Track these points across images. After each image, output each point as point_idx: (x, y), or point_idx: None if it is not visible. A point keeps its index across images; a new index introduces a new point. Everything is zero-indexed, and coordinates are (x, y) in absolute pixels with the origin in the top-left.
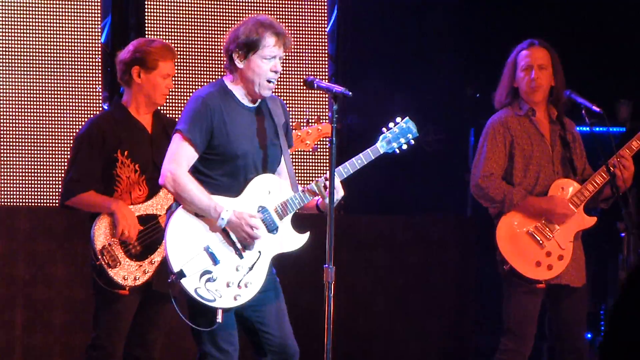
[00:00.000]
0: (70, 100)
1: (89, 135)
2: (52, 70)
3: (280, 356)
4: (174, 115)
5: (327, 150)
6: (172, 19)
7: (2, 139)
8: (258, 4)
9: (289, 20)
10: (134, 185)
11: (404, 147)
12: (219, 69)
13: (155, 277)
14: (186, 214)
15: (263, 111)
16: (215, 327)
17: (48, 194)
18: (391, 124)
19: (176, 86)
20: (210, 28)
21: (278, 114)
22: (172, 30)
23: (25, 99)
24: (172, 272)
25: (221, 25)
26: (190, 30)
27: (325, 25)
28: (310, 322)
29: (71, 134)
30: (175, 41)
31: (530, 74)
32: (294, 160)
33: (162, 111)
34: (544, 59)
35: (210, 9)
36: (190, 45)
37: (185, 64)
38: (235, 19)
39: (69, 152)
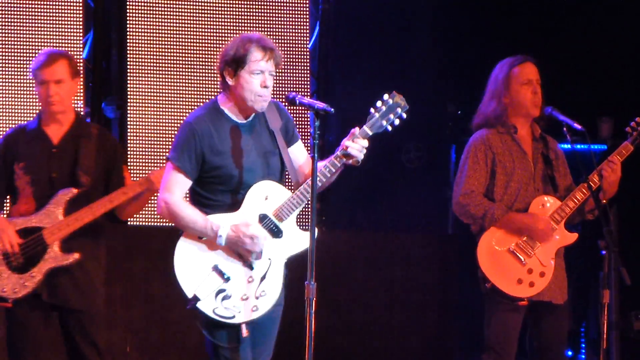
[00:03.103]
0: None
1: None
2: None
3: None
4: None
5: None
6: (155, 34)
7: None
8: (241, 20)
9: (272, 37)
10: (27, 197)
11: (396, 122)
12: (203, 82)
13: (44, 289)
14: (188, 240)
15: (258, 123)
16: (242, 342)
17: None
18: (379, 102)
19: (162, 100)
20: (193, 44)
21: (274, 120)
22: (155, 45)
23: (5, 113)
24: (187, 299)
25: (204, 41)
26: (173, 46)
27: (307, 42)
28: (292, 339)
29: None
30: (159, 55)
31: (533, 89)
32: None
33: (87, 121)
34: (538, 75)
35: (193, 25)
36: (174, 59)
37: (169, 78)
38: (219, 34)
39: None
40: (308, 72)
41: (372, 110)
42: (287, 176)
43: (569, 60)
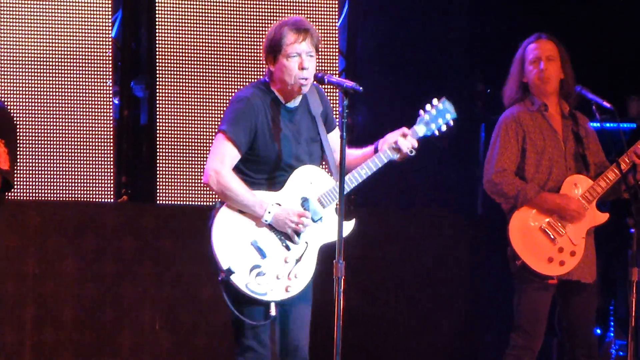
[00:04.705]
0: (80, 94)
1: None
2: (62, 64)
3: (289, 357)
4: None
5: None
6: (184, 12)
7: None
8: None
9: (300, 15)
10: None
11: (443, 128)
12: (227, 63)
13: None
14: (230, 211)
15: (302, 109)
16: (269, 320)
17: (58, 188)
18: (428, 106)
19: (191, 79)
20: (223, 22)
21: (316, 105)
22: (183, 24)
23: (35, 93)
24: (221, 270)
25: (230, 20)
26: (202, 24)
27: (336, 20)
28: (321, 318)
29: (81, 128)
30: (189, 34)
31: (539, 65)
32: None
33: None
34: (552, 50)
35: (223, 3)
36: (204, 38)
37: (199, 57)
38: (249, 12)
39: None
40: (337, 50)
41: (421, 112)
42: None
43: (599, 38)
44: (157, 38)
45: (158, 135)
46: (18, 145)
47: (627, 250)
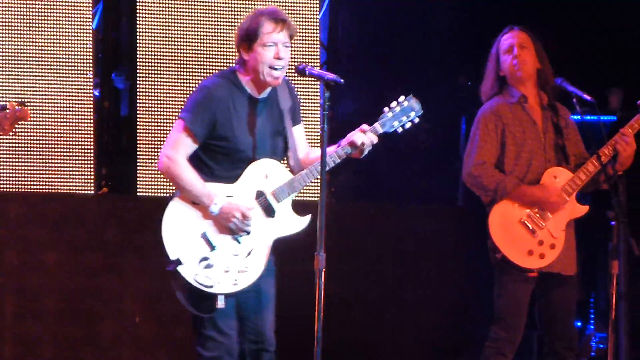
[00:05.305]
0: (61, 86)
1: None
2: (43, 56)
3: (256, 345)
4: (178, 97)
5: (319, 136)
6: (165, 3)
7: None
8: None
9: (282, 7)
10: None
11: (407, 125)
12: (214, 55)
13: None
14: (181, 203)
15: (270, 100)
16: (216, 312)
17: (38, 179)
18: (393, 103)
19: (172, 71)
20: (203, 14)
21: (285, 99)
22: (164, 16)
23: (15, 84)
24: (170, 261)
25: (215, 10)
26: (181, 17)
27: (318, 12)
28: (301, 310)
29: (61, 120)
30: (170, 25)
31: (513, 51)
32: None
33: None
34: (524, 39)
35: None
36: (184, 29)
37: (179, 48)
38: (230, 4)
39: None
40: (318, 42)
41: (385, 109)
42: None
43: (579, 31)
44: (137, 30)
45: (139, 126)
46: None
47: (607, 243)
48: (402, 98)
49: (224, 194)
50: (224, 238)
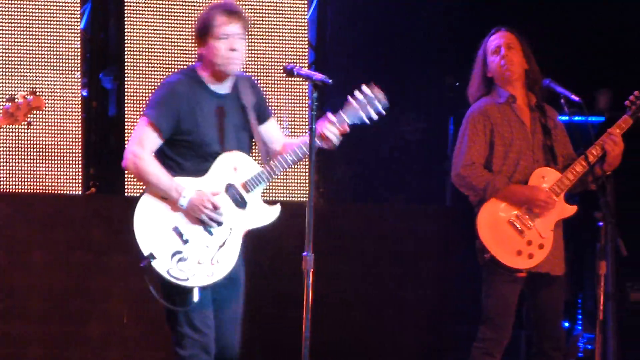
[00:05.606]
0: (49, 85)
1: None
2: (30, 55)
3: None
4: None
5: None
6: (152, 4)
7: None
8: None
9: (269, 7)
10: None
11: (373, 116)
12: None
13: None
14: (151, 198)
15: (232, 96)
16: (191, 306)
17: (26, 179)
18: (356, 92)
19: (159, 71)
20: (191, 15)
21: (247, 94)
22: (152, 16)
23: (3, 83)
24: (142, 257)
25: (199, 12)
26: (169, 16)
27: (306, 13)
28: (290, 311)
29: (49, 120)
30: (157, 26)
31: (500, 52)
32: None
33: None
34: (512, 39)
35: None
36: (172, 29)
37: (167, 48)
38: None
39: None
40: (306, 42)
41: (349, 98)
42: (255, 154)
43: (567, 31)
44: (125, 29)
45: (126, 127)
46: None
47: (595, 244)
48: (364, 87)
49: (193, 187)
50: (196, 231)
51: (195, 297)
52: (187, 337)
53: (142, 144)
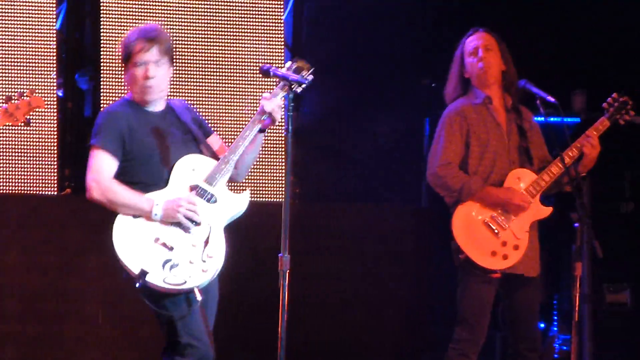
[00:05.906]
0: (24, 86)
1: None
2: (5, 55)
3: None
4: None
5: (283, 138)
6: (128, 5)
7: None
8: None
9: (245, 8)
10: None
11: (297, 89)
12: (178, 56)
13: None
14: (124, 218)
15: (168, 113)
16: (192, 307)
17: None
18: (282, 69)
19: None
20: (167, 14)
21: (183, 112)
22: (127, 16)
23: None
24: (135, 277)
25: (175, 13)
26: (145, 17)
27: (282, 13)
28: (265, 311)
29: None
30: (133, 26)
31: (478, 54)
32: None
33: None
34: (489, 41)
35: None
36: None
37: None
38: (193, 5)
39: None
40: (282, 43)
41: (273, 68)
42: None
43: (543, 32)
44: (101, 30)
45: None
46: None
47: (570, 245)
48: (289, 63)
49: (162, 198)
50: (177, 235)
51: (198, 297)
52: (190, 346)
53: (99, 171)
